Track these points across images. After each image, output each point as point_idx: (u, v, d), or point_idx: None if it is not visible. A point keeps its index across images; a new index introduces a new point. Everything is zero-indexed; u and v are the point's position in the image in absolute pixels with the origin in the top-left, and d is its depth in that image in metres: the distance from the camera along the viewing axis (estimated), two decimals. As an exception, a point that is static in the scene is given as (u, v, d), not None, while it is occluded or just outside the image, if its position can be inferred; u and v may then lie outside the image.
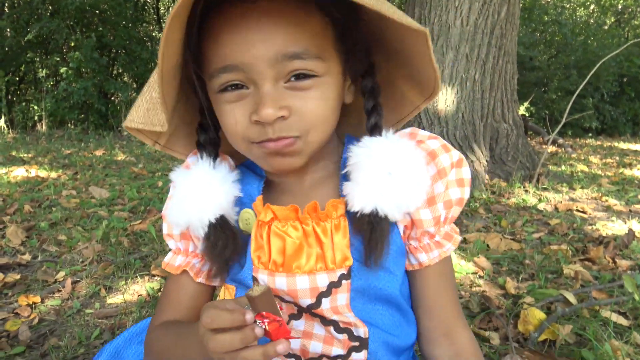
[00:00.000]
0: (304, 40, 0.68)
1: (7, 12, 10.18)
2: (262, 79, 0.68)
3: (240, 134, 0.73)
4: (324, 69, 0.71)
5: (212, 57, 0.71)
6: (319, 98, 0.71)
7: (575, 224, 2.78)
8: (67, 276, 2.00)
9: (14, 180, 3.97)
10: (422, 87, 0.80)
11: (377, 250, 0.75)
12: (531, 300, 1.75)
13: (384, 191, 0.73)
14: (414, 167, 0.75)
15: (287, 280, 0.76)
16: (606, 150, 7.19)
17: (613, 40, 11.07)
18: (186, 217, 0.78)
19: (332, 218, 0.77)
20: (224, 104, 0.73)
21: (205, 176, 0.78)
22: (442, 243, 0.83)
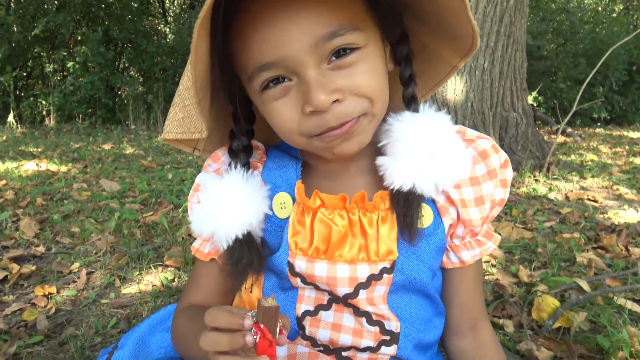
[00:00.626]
0: (336, 16, 0.65)
1: (13, 8, 10.21)
2: (305, 68, 0.65)
3: (296, 130, 0.70)
4: (364, 39, 0.68)
5: (246, 59, 0.69)
6: (369, 70, 0.68)
7: (586, 212, 2.77)
8: (82, 267, 2.02)
9: (25, 174, 4.00)
10: (458, 45, 0.78)
11: (410, 225, 0.74)
12: (544, 288, 1.75)
13: (425, 170, 0.72)
14: (454, 146, 0.75)
15: (328, 267, 0.75)
16: (615, 140, 7.13)
17: (622, 27, 10.96)
18: (212, 228, 0.77)
19: (380, 210, 0.76)
20: (270, 102, 0.70)
21: (237, 189, 0.77)
22: (483, 241, 0.83)
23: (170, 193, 3.24)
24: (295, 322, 0.81)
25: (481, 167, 0.78)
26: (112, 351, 0.96)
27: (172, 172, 4.01)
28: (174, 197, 3.13)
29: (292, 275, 0.78)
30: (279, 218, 0.81)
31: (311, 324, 0.80)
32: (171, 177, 3.80)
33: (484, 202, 0.79)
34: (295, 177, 0.81)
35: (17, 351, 1.42)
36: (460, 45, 0.77)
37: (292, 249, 0.77)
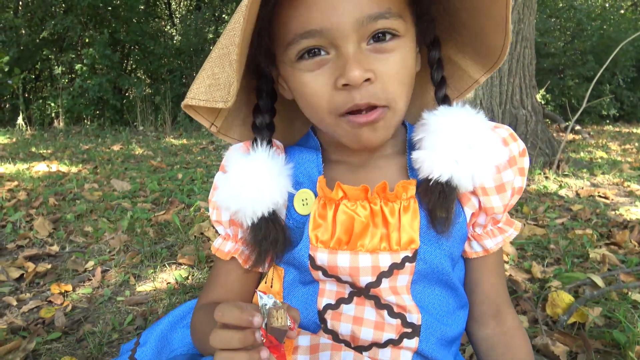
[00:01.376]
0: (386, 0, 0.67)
1: (21, 11, 10.29)
2: (347, 42, 0.67)
3: (325, 105, 0.70)
4: (404, 29, 0.70)
5: (291, 23, 0.69)
6: (401, 60, 0.70)
7: (598, 209, 2.76)
8: (96, 265, 2.03)
9: (36, 175, 4.03)
10: (483, 59, 0.80)
11: (445, 219, 0.75)
12: (558, 284, 1.75)
13: (462, 161, 0.73)
14: (491, 140, 0.76)
15: (351, 257, 0.75)
16: (625, 137, 7.09)
17: (630, 24, 10.89)
18: (239, 204, 0.77)
19: (402, 199, 0.76)
20: (303, 73, 0.70)
21: (262, 166, 0.77)
22: (505, 229, 0.84)
23: (181, 192, 3.26)
24: (316, 316, 0.81)
25: (495, 137, 0.79)
26: (135, 348, 0.96)
27: (182, 172, 4.03)
28: (184, 196, 3.15)
29: (314, 268, 0.78)
30: (300, 215, 0.81)
31: (333, 317, 0.80)
32: (181, 177, 3.82)
33: (505, 189, 0.79)
34: (317, 173, 0.82)
35: (37, 347, 1.43)
36: (486, 60, 0.79)
37: (313, 242, 0.77)
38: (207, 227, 2.39)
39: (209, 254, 2.10)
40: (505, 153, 0.78)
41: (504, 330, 0.87)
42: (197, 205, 2.85)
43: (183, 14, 14.21)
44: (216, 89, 0.74)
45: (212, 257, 2.07)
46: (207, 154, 5.36)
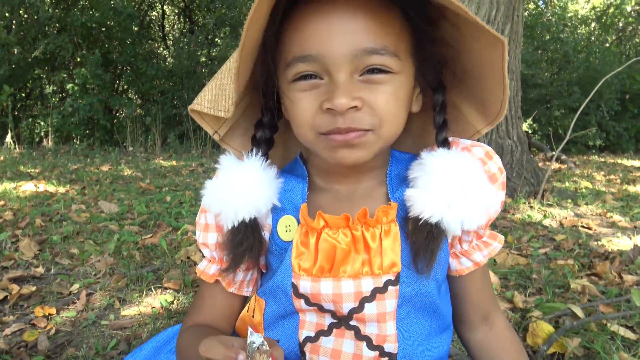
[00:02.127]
0: (384, 37, 0.71)
1: (14, 29, 10.33)
2: (339, 71, 0.70)
3: (309, 123, 0.74)
4: (399, 67, 0.73)
5: (291, 46, 0.73)
6: (391, 93, 0.73)
7: (580, 239, 2.81)
8: (82, 288, 2.03)
9: (23, 195, 4.01)
10: (485, 110, 0.83)
11: (429, 260, 0.77)
12: (539, 314, 1.78)
13: (454, 205, 0.75)
14: (485, 188, 0.78)
15: (333, 284, 0.77)
16: (610, 167, 7.21)
17: (614, 57, 11.15)
18: (222, 205, 0.80)
19: (382, 224, 0.78)
20: (296, 92, 0.75)
21: (253, 173, 0.80)
22: (489, 242, 0.87)
23: (169, 216, 3.27)
24: (297, 347, 0.82)
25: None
26: None
27: (171, 195, 4.03)
28: (172, 219, 3.15)
29: (297, 296, 0.80)
30: (283, 241, 0.83)
31: (311, 350, 0.81)
32: (169, 200, 3.83)
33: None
34: (301, 200, 0.84)
35: (18, 371, 1.43)
36: (488, 111, 0.82)
37: (296, 270, 0.79)
38: (194, 252, 2.40)
39: (195, 278, 2.10)
40: (498, 205, 0.81)
41: (496, 333, 0.91)
42: (184, 228, 2.85)
43: (176, 37, 14.32)
44: (221, 98, 0.79)
45: (197, 280, 2.08)
46: (196, 177, 5.37)
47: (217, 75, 0.80)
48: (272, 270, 0.87)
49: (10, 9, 10.00)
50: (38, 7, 9.71)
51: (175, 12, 15.25)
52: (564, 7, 14.89)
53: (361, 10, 0.70)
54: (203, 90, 0.81)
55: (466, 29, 0.71)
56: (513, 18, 3.80)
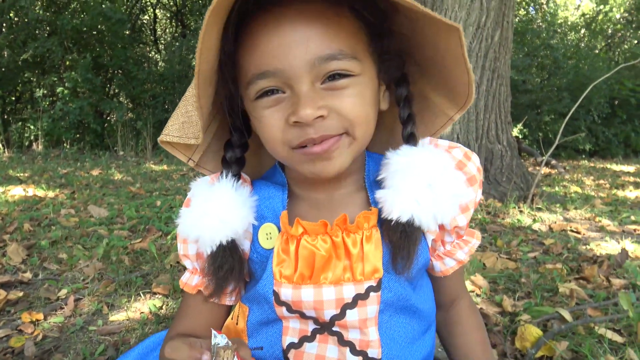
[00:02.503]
0: (339, 42, 0.70)
1: (4, 32, 10.28)
2: (299, 83, 0.69)
3: (279, 139, 0.73)
4: (359, 69, 0.72)
5: (248, 65, 0.72)
6: (356, 96, 0.72)
7: (569, 243, 2.82)
8: (69, 294, 2.02)
9: (12, 199, 3.98)
10: (455, 97, 0.82)
11: (406, 259, 0.76)
12: (528, 317, 1.79)
13: (423, 201, 0.74)
14: (453, 179, 0.78)
15: (314, 291, 0.77)
16: (599, 172, 7.27)
17: (604, 63, 11.26)
18: (198, 232, 0.79)
19: (363, 229, 0.78)
20: (261, 110, 0.74)
21: (226, 196, 0.79)
22: (468, 240, 0.88)
23: (159, 220, 3.25)
24: (281, 354, 0.82)
25: (459, 174, 0.81)
26: None
27: (161, 199, 4.02)
28: (162, 224, 3.14)
29: (278, 304, 0.80)
30: (264, 249, 0.83)
31: (295, 356, 0.81)
32: (160, 204, 3.81)
33: (469, 208, 0.82)
34: (281, 208, 0.84)
35: (4, 378, 1.42)
36: (457, 97, 0.81)
37: (277, 278, 0.79)
38: (184, 256, 2.39)
39: (184, 283, 2.09)
40: (470, 193, 0.81)
41: (457, 310, 0.96)
42: (174, 233, 2.84)
43: (168, 41, 14.32)
44: (189, 125, 0.78)
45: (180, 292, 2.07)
46: (187, 181, 5.35)
47: (181, 103, 0.79)
48: (255, 278, 0.86)
49: (0, 12, 9.95)
50: (28, 9, 9.67)
51: (167, 16, 15.26)
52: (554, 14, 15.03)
53: (311, 17, 0.69)
54: (170, 120, 0.80)
55: (421, 21, 0.70)
56: (503, 24, 3.83)
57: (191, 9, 14.34)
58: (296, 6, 0.69)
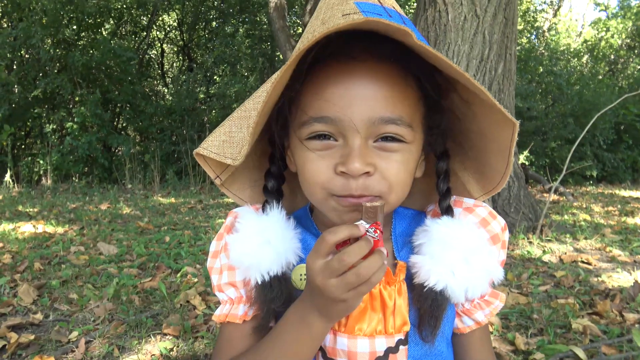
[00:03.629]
0: (401, 108, 0.73)
1: (15, 69, 10.48)
2: (354, 136, 0.72)
3: (321, 184, 0.75)
4: (412, 137, 0.75)
5: (309, 106, 0.75)
6: (402, 162, 0.75)
7: (580, 276, 2.80)
8: (80, 336, 2.02)
9: (22, 236, 4.01)
10: (484, 181, 0.85)
11: (433, 327, 0.78)
12: (541, 356, 1.77)
13: (458, 274, 0.76)
14: (487, 256, 0.79)
15: (349, 341, 0.77)
16: (607, 198, 7.24)
17: (608, 89, 11.31)
18: (251, 260, 0.79)
19: (398, 282, 0.79)
20: (309, 151, 0.76)
21: (279, 228, 0.81)
22: (491, 301, 0.88)
23: (168, 257, 3.26)
24: None
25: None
26: None
27: (170, 234, 4.03)
28: (171, 260, 3.15)
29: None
30: (298, 290, 0.83)
31: None
32: (169, 240, 3.82)
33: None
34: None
35: None
36: (487, 182, 0.84)
37: None
38: (193, 295, 2.39)
39: (195, 324, 2.09)
40: (500, 273, 0.81)
41: None
42: (184, 270, 2.85)
43: (175, 75, 14.53)
44: (229, 145, 0.81)
45: (197, 327, 2.07)
46: (195, 214, 5.37)
47: (226, 122, 0.81)
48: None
49: (12, 49, 10.16)
50: (39, 47, 9.87)
51: (174, 50, 15.52)
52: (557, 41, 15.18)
53: (381, 78, 0.72)
54: (210, 136, 0.82)
55: (478, 106, 0.72)
56: (506, 57, 3.87)
57: (198, 43, 14.60)
58: (368, 63, 0.72)
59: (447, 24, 3.81)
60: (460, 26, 3.79)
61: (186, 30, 14.43)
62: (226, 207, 6.08)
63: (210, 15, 14.27)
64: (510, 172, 0.79)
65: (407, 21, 0.74)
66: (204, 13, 14.04)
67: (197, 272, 2.87)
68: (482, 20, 3.77)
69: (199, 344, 1.94)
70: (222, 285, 0.87)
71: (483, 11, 3.78)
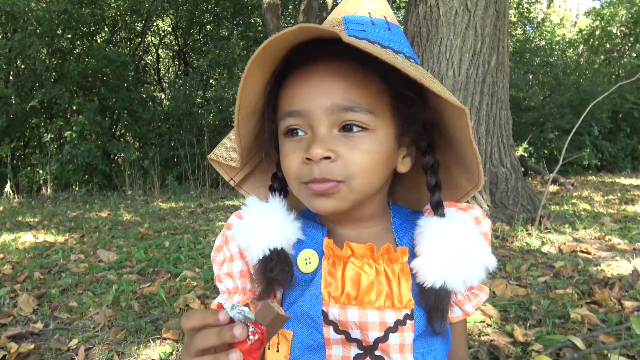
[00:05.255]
0: (359, 96, 0.78)
1: (12, 80, 10.49)
2: (319, 125, 0.79)
3: (293, 174, 0.83)
4: (374, 124, 0.80)
5: (283, 104, 0.84)
6: (365, 149, 0.79)
7: (579, 265, 2.80)
8: (80, 343, 2.02)
9: (22, 246, 4.02)
10: (470, 174, 0.88)
11: (441, 319, 0.83)
12: (540, 347, 1.77)
13: (454, 268, 0.81)
14: (481, 249, 0.84)
15: (359, 312, 0.81)
16: (608, 187, 7.23)
17: (604, 78, 11.30)
18: (253, 239, 0.85)
19: (400, 262, 0.84)
20: (286, 146, 0.84)
21: (279, 211, 0.87)
22: (477, 293, 0.93)
23: (167, 262, 3.27)
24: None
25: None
26: None
27: (169, 239, 4.03)
28: (170, 265, 3.15)
29: (326, 323, 0.83)
30: (303, 273, 0.87)
31: None
32: (168, 245, 3.83)
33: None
34: (322, 235, 0.89)
35: None
36: (472, 175, 0.87)
37: (326, 298, 0.83)
38: (192, 299, 2.39)
39: (194, 327, 2.09)
40: (493, 262, 0.85)
41: None
42: (183, 275, 2.85)
43: (171, 79, 14.54)
44: (233, 150, 0.91)
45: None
46: (195, 218, 5.38)
47: (234, 130, 0.88)
48: (291, 300, 0.88)
49: (7, 61, 10.17)
50: (35, 57, 9.89)
51: (169, 55, 15.53)
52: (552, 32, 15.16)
53: (340, 73, 0.79)
54: (221, 142, 0.93)
55: (440, 99, 0.76)
56: (498, 49, 3.87)
57: (193, 48, 14.61)
58: (329, 62, 0.79)
59: (439, 18, 3.81)
60: (451, 20, 3.79)
61: (181, 34, 14.43)
62: (226, 210, 6.09)
63: (205, 19, 14.28)
64: (481, 163, 0.81)
65: (393, 27, 0.84)
66: (198, 17, 14.04)
67: (197, 275, 2.88)
68: (473, 14, 3.77)
69: (199, 347, 1.94)
70: (221, 276, 0.92)
71: (474, 5, 3.79)
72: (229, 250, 0.91)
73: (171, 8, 13.37)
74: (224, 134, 9.25)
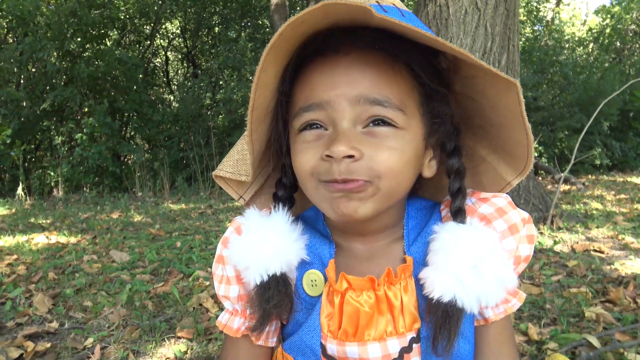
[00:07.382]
0: (388, 90, 0.70)
1: (23, 84, 10.59)
2: (341, 118, 0.70)
3: (309, 170, 0.73)
4: (404, 123, 0.72)
5: (298, 99, 0.75)
6: (393, 149, 0.71)
7: (593, 264, 2.78)
8: (96, 342, 2.04)
9: (35, 247, 4.05)
10: (513, 161, 0.80)
11: (447, 340, 0.73)
12: (555, 345, 1.76)
13: (467, 282, 0.71)
14: (500, 262, 0.73)
15: (359, 349, 0.75)
16: (619, 186, 7.18)
17: (614, 77, 11.23)
18: (250, 260, 0.77)
19: (401, 280, 0.76)
20: (301, 143, 0.75)
21: (280, 228, 0.79)
22: (508, 299, 0.82)
23: (180, 262, 3.28)
24: None
25: (500, 223, 0.77)
26: None
27: (181, 240, 4.05)
28: (183, 265, 3.17)
29: (325, 357, 0.79)
30: (309, 295, 0.82)
31: None
32: (180, 245, 3.85)
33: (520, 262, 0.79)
34: (329, 256, 0.82)
35: None
36: (516, 161, 0.80)
37: (324, 331, 0.78)
38: (206, 298, 2.40)
39: (208, 326, 2.10)
40: (514, 280, 0.75)
41: None
42: (195, 274, 2.86)
43: (180, 81, 14.61)
44: (242, 163, 0.82)
45: (211, 329, 2.08)
46: (206, 219, 5.40)
47: (239, 141, 0.82)
48: (296, 323, 0.84)
49: (19, 65, 10.27)
50: (45, 61, 9.97)
51: (178, 57, 15.61)
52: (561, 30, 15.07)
53: (365, 64, 0.71)
54: (226, 156, 0.83)
55: (480, 79, 0.70)
56: (509, 48, 3.86)
57: (202, 50, 14.68)
58: (352, 54, 0.71)
59: (449, 18, 3.80)
60: (461, 20, 3.78)
61: (189, 37, 14.51)
62: (236, 211, 6.11)
63: (213, 21, 14.34)
64: (533, 149, 0.74)
65: (406, 14, 0.72)
66: (207, 19, 14.11)
67: (209, 275, 2.89)
68: (483, 12, 3.76)
69: (213, 345, 1.96)
70: (221, 297, 0.88)
71: (484, 4, 3.77)
72: (225, 272, 0.85)
73: (180, 11, 13.43)
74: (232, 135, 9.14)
